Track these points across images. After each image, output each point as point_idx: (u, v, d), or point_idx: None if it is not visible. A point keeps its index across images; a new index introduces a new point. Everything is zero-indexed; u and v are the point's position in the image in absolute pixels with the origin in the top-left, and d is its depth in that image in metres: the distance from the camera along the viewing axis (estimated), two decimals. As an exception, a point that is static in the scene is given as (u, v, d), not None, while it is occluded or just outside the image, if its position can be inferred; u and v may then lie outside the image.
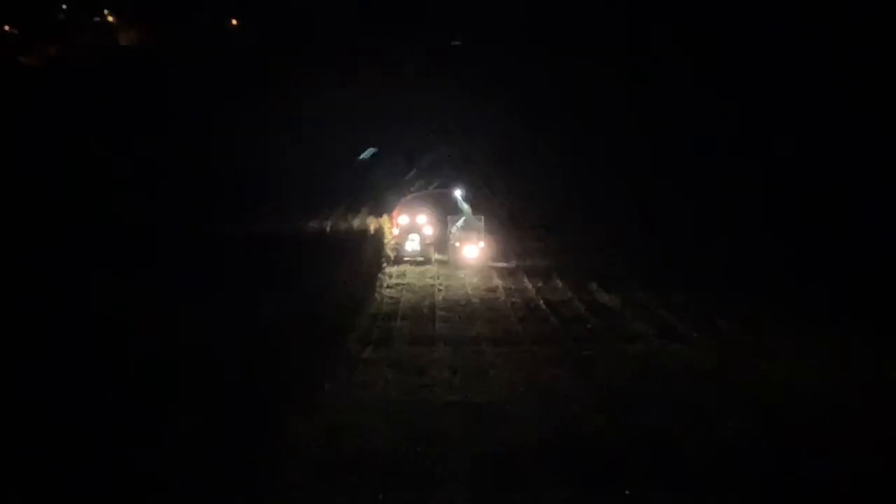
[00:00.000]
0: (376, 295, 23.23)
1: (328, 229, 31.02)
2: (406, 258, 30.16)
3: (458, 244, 29.67)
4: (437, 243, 31.27)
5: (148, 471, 7.46)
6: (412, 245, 30.69)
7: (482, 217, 30.34)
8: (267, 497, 8.23)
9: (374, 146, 42.45)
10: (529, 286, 24.95)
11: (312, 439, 9.97)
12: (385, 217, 32.69)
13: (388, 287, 24.92)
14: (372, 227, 30.95)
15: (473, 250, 29.51)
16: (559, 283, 25.02)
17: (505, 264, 30.11)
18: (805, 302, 19.58)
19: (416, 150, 41.49)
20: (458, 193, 30.77)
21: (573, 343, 16.53)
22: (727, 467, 9.15)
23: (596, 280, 24.31)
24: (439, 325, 18.83)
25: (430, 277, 26.68)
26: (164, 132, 39.39)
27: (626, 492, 8.19)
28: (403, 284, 25.48)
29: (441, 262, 30.07)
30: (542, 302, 21.97)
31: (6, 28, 59.02)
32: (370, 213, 33.87)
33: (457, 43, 56.32)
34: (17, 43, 56.93)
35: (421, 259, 30.18)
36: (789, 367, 13.86)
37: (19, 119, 35.37)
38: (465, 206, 30.35)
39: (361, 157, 33.68)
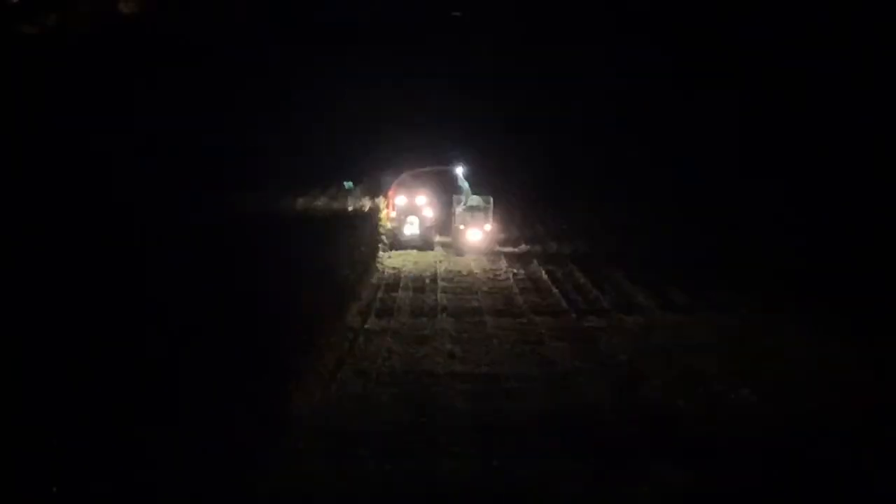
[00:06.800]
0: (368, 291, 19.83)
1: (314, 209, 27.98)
2: (404, 243, 27.07)
3: (462, 227, 26.80)
4: (439, 225, 28.28)
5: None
6: (411, 229, 27.15)
7: (490, 198, 27.39)
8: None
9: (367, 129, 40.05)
10: (546, 277, 22.27)
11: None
12: (380, 198, 29.38)
13: (386, 269, 22.44)
14: (366, 208, 27.45)
15: (479, 234, 26.73)
16: (581, 277, 22.30)
17: (514, 249, 27.51)
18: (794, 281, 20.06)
19: (412, 127, 39.03)
20: (459, 171, 27.68)
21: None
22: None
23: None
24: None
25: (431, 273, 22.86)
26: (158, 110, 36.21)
27: (628, 464, 8.42)
28: (402, 268, 23.08)
29: (445, 245, 27.29)
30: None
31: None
32: (364, 194, 30.62)
33: (457, 14, 53.20)
34: (16, 11, 54.14)
35: (420, 245, 26.89)
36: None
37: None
38: (467, 186, 27.40)
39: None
